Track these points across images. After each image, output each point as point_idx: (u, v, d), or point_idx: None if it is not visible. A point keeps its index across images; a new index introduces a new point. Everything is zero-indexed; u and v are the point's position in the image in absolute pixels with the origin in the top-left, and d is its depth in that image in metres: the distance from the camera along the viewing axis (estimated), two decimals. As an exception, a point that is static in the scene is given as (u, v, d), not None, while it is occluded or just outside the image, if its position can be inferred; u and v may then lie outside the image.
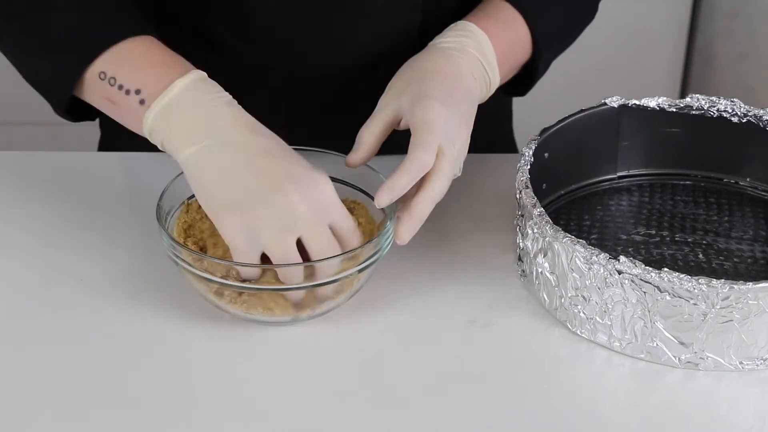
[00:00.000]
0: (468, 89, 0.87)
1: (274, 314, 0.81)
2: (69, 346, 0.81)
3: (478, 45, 0.89)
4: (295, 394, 0.78)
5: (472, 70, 0.88)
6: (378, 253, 0.81)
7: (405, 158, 0.80)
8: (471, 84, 0.87)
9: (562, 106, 1.03)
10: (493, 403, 0.77)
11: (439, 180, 0.81)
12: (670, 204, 0.98)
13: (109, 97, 0.84)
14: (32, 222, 0.94)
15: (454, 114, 0.83)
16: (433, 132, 0.81)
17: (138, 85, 0.82)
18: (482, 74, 0.89)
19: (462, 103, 0.85)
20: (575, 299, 0.82)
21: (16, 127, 2.05)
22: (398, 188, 0.80)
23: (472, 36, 0.90)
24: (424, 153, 0.80)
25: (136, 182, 1.00)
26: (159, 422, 0.75)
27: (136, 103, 0.82)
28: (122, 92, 0.83)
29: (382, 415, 0.76)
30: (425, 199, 0.81)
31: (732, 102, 0.96)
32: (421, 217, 0.81)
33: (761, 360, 0.80)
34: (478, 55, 0.89)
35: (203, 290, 0.81)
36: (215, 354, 0.81)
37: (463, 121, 0.84)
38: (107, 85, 0.83)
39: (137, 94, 0.82)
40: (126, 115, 0.84)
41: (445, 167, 0.81)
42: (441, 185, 0.81)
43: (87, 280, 0.87)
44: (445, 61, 0.88)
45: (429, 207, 0.81)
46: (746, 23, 2.05)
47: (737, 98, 0.96)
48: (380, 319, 0.85)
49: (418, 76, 0.86)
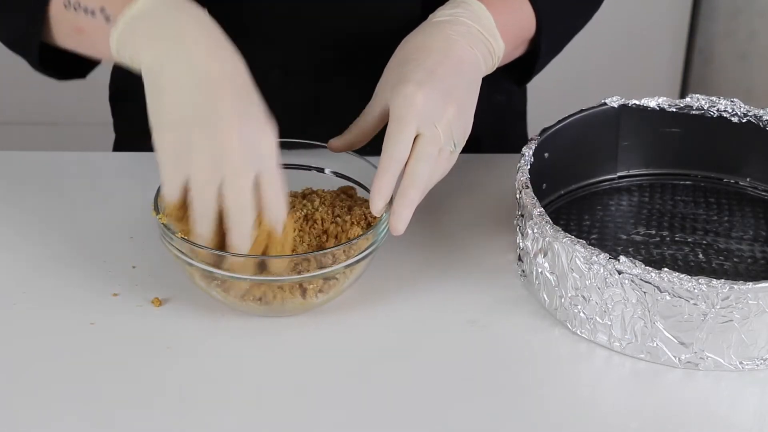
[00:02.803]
0: (460, 61, 0.86)
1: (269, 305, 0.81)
2: (73, 345, 0.81)
3: (474, 14, 0.88)
4: (293, 391, 0.78)
5: (468, 41, 0.87)
6: (374, 244, 0.81)
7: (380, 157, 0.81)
8: (466, 54, 0.86)
9: (562, 106, 1.03)
10: (492, 403, 0.77)
11: (419, 164, 0.80)
12: (670, 204, 0.98)
13: (76, 26, 0.82)
14: (32, 222, 0.94)
15: (434, 92, 0.82)
16: (403, 121, 0.80)
17: (102, 3, 0.80)
18: (482, 43, 0.88)
19: (447, 77, 0.83)
20: (575, 299, 0.82)
21: (16, 127, 2.05)
22: (384, 189, 0.80)
23: (465, 6, 0.89)
24: (394, 145, 0.80)
25: (146, 182, 1.00)
26: (156, 417, 0.75)
27: (103, 23, 0.80)
28: (88, 16, 0.81)
29: (381, 414, 0.76)
30: (409, 185, 0.80)
31: (732, 102, 0.96)
32: (407, 203, 0.80)
33: (761, 360, 0.80)
34: (475, 24, 0.88)
35: (193, 275, 0.81)
36: (215, 349, 0.81)
37: (447, 97, 0.83)
38: (73, 13, 0.82)
39: (102, 13, 0.80)
40: (96, 41, 0.82)
41: (425, 150, 0.81)
42: (423, 169, 0.81)
43: (88, 280, 0.87)
44: (433, 36, 0.87)
45: (416, 193, 0.80)
46: (746, 23, 2.06)
47: (737, 98, 0.96)
48: (380, 319, 0.85)
49: (400, 60, 0.86)
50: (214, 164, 0.74)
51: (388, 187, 0.80)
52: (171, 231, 0.79)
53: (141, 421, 0.75)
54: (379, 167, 0.81)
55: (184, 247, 0.79)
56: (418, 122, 0.81)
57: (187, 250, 0.79)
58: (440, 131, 0.82)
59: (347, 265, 0.80)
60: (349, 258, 0.80)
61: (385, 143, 0.81)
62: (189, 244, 0.78)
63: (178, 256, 0.80)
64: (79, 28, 0.82)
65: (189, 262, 0.79)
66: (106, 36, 0.80)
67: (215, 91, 0.76)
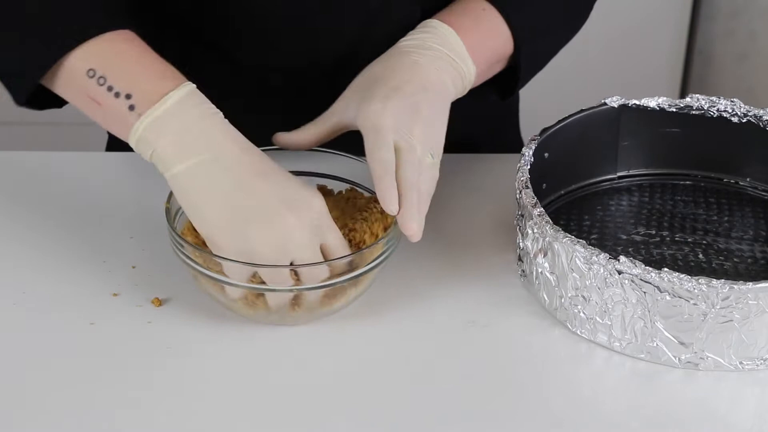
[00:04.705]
0: (426, 81, 0.86)
1: (286, 317, 0.82)
2: (73, 345, 0.81)
3: (441, 38, 0.89)
4: (293, 391, 0.78)
5: (434, 64, 0.88)
6: (387, 251, 0.82)
7: (370, 168, 0.82)
8: (433, 76, 0.87)
9: (562, 106, 1.03)
10: (493, 403, 0.77)
11: (407, 170, 0.82)
12: (670, 204, 0.98)
13: (94, 97, 0.81)
14: (32, 222, 0.94)
15: (401, 107, 0.83)
16: (379, 132, 0.82)
17: (129, 90, 0.80)
18: (451, 66, 0.89)
19: (413, 95, 0.84)
20: (575, 299, 0.82)
21: (16, 127, 2.05)
22: (391, 188, 0.81)
23: (433, 31, 0.90)
24: (378, 152, 0.82)
25: (141, 182, 1.00)
26: (156, 417, 0.75)
27: (124, 108, 0.80)
28: (111, 94, 0.80)
29: (381, 414, 0.76)
30: (405, 189, 0.81)
31: (732, 102, 0.96)
32: (410, 204, 0.81)
33: (761, 360, 0.80)
34: (443, 48, 0.89)
35: (214, 290, 0.81)
36: (215, 349, 0.81)
37: (414, 111, 0.84)
38: (95, 84, 0.81)
39: (128, 99, 0.80)
40: (110, 118, 0.82)
41: (406, 158, 0.82)
42: (412, 173, 0.82)
43: (88, 280, 0.87)
44: (398, 59, 0.88)
45: (415, 194, 0.81)
46: (746, 23, 2.05)
47: (737, 98, 0.96)
48: (380, 319, 0.85)
49: (365, 79, 0.87)
50: (281, 255, 0.78)
51: (392, 187, 0.81)
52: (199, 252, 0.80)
53: (141, 421, 0.75)
54: (373, 175, 0.82)
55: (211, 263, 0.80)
56: (393, 134, 0.82)
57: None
58: (414, 142, 0.83)
59: (367, 270, 0.81)
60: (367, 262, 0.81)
61: (369, 155, 0.82)
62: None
63: (190, 264, 0.80)
64: (97, 100, 0.81)
65: (216, 278, 0.80)
66: (123, 122, 0.80)
67: (254, 190, 0.78)
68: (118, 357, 0.81)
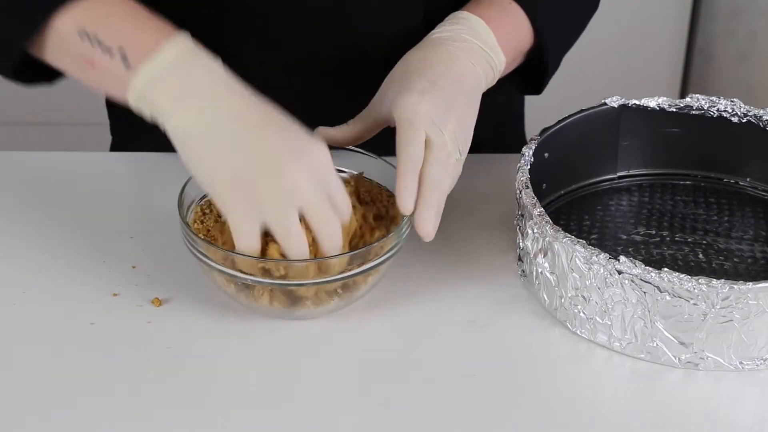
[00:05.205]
0: (462, 75, 0.86)
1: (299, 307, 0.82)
2: (73, 345, 0.81)
3: (473, 30, 0.89)
4: (294, 391, 0.78)
5: (469, 56, 0.88)
6: (397, 245, 0.82)
7: (397, 160, 0.81)
8: (468, 69, 0.87)
9: (562, 106, 1.03)
10: (493, 403, 0.77)
11: (434, 168, 0.81)
12: (670, 204, 0.98)
13: (87, 58, 0.79)
14: (32, 222, 0.94)
15: (437, 100, 0.83)
16: (413, 125, 0.81)
17: (123, 44, 0.78)
18: (483, 58, 0.89)
19: (449, 89, 0.84)
20: (575, 299, 0.82)
21: (16, 127, 2.05)
22: (411, 187, 0.81)
23: (465, 23, 0.90)
24: (408, 147, 0.81)
25: (142, 182, 1.00)
26: (156, 417, 0.75)
27: (119, 65, 0.78)
28: (105, 53, 0.78)
29: (381, 414, 0.76)
30: (428, 189, 0.81)
31: (732, 102, 0.96)
32: (430, 204, 0.81)
33: (761, 360, 0.80)
34: (475, 39, 0.89)
35: (226, 285, 0.81)
36: (215, 349, 0.81)
37: (449, 106, 0.84)
38: (87, 43, 0.78)
39: (122, 57, 0.77)
40: (106, 79, 0.79)
41: (437, 154, 0.82)
42: (439, 172, 0.81)
43: (88, 280, 0.87)
44: (434, 51, 0.88)
45: (437, 194, 0.81)
46: (746, 23, 2.06)
47: (737, 98, 0.96)
48: (380, 318, 0.85)
49: (402, 72, 0.87)
50: (289, 204, 0.76)
51: (413, 185, 0.81)
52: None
53: (141, 421, 0.75)
54: (398, 169, 0.81)
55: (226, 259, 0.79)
56: (426, 128, 0.82)
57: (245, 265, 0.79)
58: (446, 137, 0.82)
59: (377, 263, 0.81)
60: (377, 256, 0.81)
61: (399, 148, 0.82)
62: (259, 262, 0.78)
63: (206, 262, 0.80)
64: (90, 60, 0.79)
65: (231, 274, 0.79)
66: (120, 80, 0.78)
67: (259, 141, 0.77)
68: (118, 357, 0.81)
